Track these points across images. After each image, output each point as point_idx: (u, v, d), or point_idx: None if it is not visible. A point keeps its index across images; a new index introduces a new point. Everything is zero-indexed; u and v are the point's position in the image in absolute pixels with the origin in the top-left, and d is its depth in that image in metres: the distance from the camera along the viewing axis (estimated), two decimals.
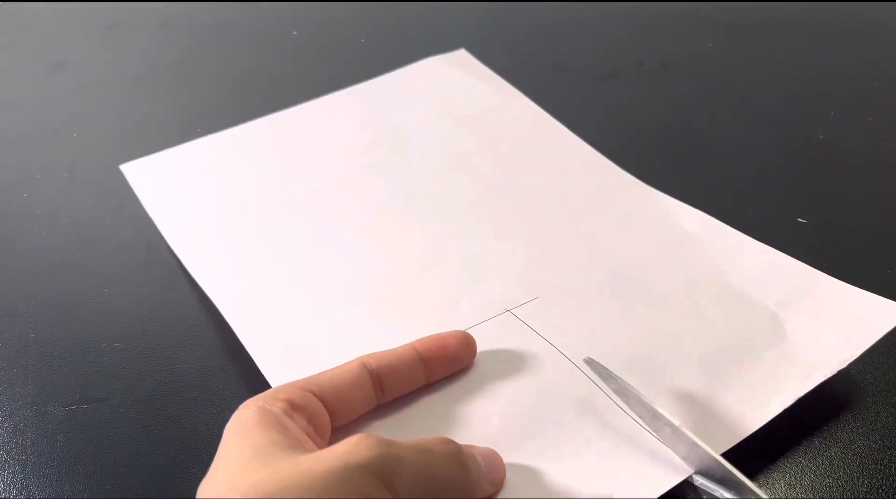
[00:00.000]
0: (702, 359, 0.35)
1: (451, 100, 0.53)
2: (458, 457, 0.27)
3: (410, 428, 0.32)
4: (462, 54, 0.57)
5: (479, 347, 0.35)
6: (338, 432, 0.30)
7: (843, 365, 0.33)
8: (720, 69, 0.59)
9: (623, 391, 0.32)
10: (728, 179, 0.48)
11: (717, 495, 0.29)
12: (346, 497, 0.23)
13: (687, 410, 0.33)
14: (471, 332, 0.35)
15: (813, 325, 0.36)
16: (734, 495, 0.28)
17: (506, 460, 0.30)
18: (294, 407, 0.28)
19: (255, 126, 0.52)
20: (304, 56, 0.62)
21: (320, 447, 0.28)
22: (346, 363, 0.31)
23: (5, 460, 0.35)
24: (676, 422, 0.30)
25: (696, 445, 0.29)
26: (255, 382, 0.37)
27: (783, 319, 0.36)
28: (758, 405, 0.32)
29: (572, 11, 0.65)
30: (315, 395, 0.29)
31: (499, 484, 0.29)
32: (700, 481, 0.30)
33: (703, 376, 0.34)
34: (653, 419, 0.31)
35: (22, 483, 0.34)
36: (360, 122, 0.51)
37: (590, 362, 0.33)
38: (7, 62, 0.62)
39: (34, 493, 0.33)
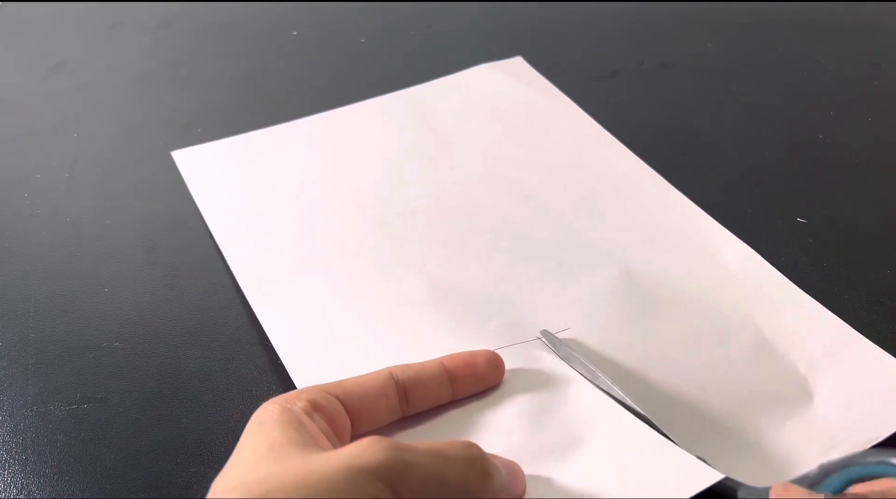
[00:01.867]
0: (724, 415, 0.33)
1: (501, 108, 0.52)
2: (480, 463, 0.26)
3: (430, 437, 0.31)
4: (518, 62, 0.56)
5: (508, 367, 0.34)
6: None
7: (869, 445, 0.31)
8: (720, 69, 0.59)
9: (569, 359, 0.34)
10: (728, 179, 0.48)
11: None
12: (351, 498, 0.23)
13: (704, 450, 0.31)
14: (500, 352, 0.34)
15: (843, 396, 0.34)
16: None
17: (526, 472, 0.29)
18: (315, 407, 0.28)
19: (305, 124, 0.52)
20: (304, 56, 0.62)
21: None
22: (374, 372, 0.31)
23: (5, 460, 0.35)
24: (640, 409, 0.32)
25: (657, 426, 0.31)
26: (255, 382, 0.37)
27: (813, 385, 0.35)
28: (771, 473, 0.31)
29: (572, 11, 0.65)
30: (339, 398, 0.29)
31: (518, 496, 0.28)
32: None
33: (723, 436, 0.33)
34: (594, 378, 0.33)
35: (22, 483, 0.34)
36: (407, 126, 0.51)
37: (544, 334, 0.35)
38: (7, 62, 0.62)
39: (34, 492, 0.33)
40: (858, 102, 0.55)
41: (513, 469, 0.29)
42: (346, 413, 0.29)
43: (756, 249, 0.42)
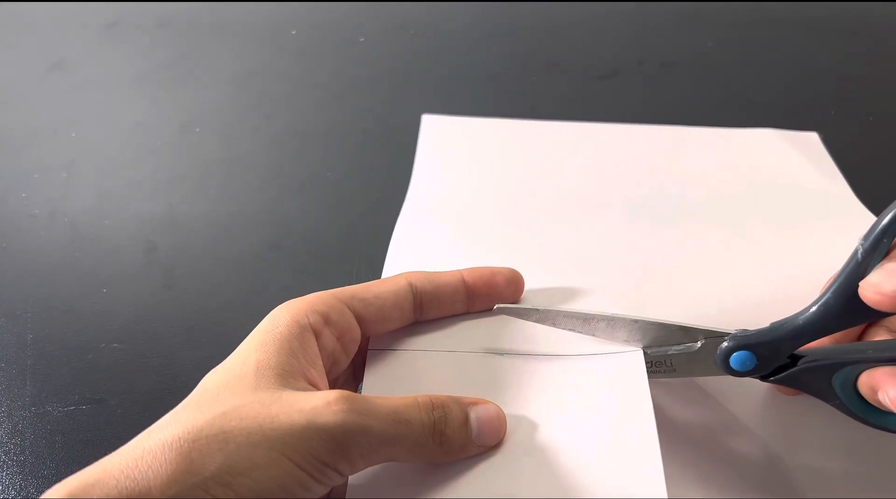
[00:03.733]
0: None
1: (761, 170, 0.48)
2: (440, 428, 0.26)
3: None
4: (811, 138, 0.52)
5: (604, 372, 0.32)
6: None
7: None
8: (720, 68, 0.58)
9: (547, 317, 0.32)
10: None
11: (670, 352, 0.31)
12: (301, 456, 0.24)
13: None
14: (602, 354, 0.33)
15: None
16: (681, 345, 0.30)
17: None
18: (327, 322, 0.28)
19: (554, 127, 0.52)
20: (304, 56, 0.62)
21: (341, 365, 0.29)
22: (393, 279, 0.31)
23: (4, 461, 0.34)
24: (608, 313, 0.31)
25: (634, 321, 0.31)
26: None
27: None
28: None
29: (572, 11, 0.65)
30: (354, 310, 0.29)
31: (493, 444, 0.28)
32: (650, 351, 0.31)
33: None
34: (585, 324, 0.31)
35: (21, 484, 0.33)
36: (652, 161, 0.49)
37: (501, 309, 0.32)
38: (6, 61, 0.62)
39: (33, 494, 0.33)
40: (858, 102, 0.54)
41: (489, 420, 0.28)
42: (357, 326, 0.30)
43: None
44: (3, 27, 0.66)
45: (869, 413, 0.29)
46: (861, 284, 0.26)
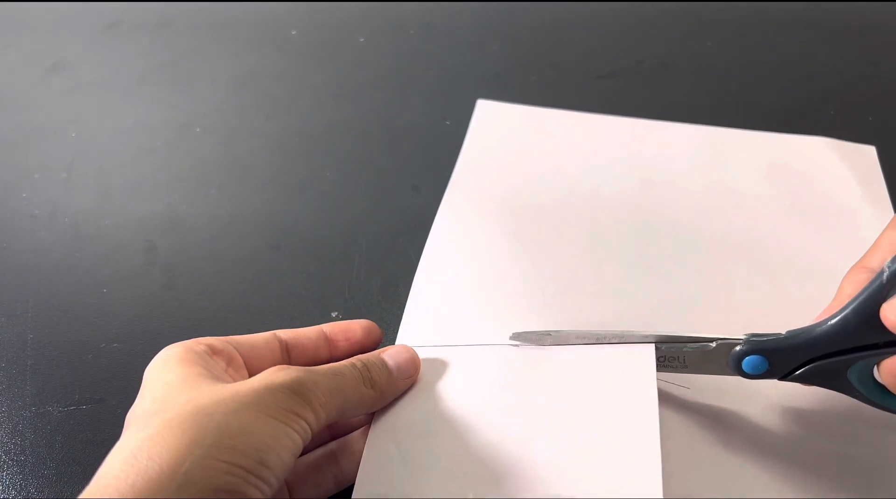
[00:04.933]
0: None
1: (804, 180, 0.47)
2: (366, 375, 0.31)
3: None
4: (866, 150, 0.49)
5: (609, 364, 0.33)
6: None
7: None
8: (720, 68, 0.58)
9: (561, 338, 0.34)
10: None
11: (685, 349, 0.32)
12: (275, 410, 0.26)
13: None
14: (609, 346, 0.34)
15: None
16: (697, 343, 0.31)
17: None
18: (214, 351, 0.30)
19: (605, 121, 0.52)
20: (304, 56, 0.62)
21: None
22: (259, 333, 0.34)
23: (4, 461, 0.34)
24: (619, 330, 0.33)
25: (645, 335, 0.32)
26: None
27: None
28: None
29: (572, 11, 0.65)
30: (233, 344, 0.32)
31: (414, 376, 0.33)
32: (662, 347, 0.32)
33: None
34: (598, 341, 0.33)
35: (21, 484, 0.34)
36: (693, 160, 0.49)
37: (517, 336, 0.35)
38: (6, 62, 0.62)
39: (33, 493, 0.33)
40: (858, 102, 0.54)
41: (401, 355, 0.33)
42: (241, 359, 0.32)
43: None
44: (3, 27, 0.66)
45: (890, 400, 0.29)
46: (884, 306, 0.26)
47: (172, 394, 0.27)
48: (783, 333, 0.30)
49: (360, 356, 0.32)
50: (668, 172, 0.48)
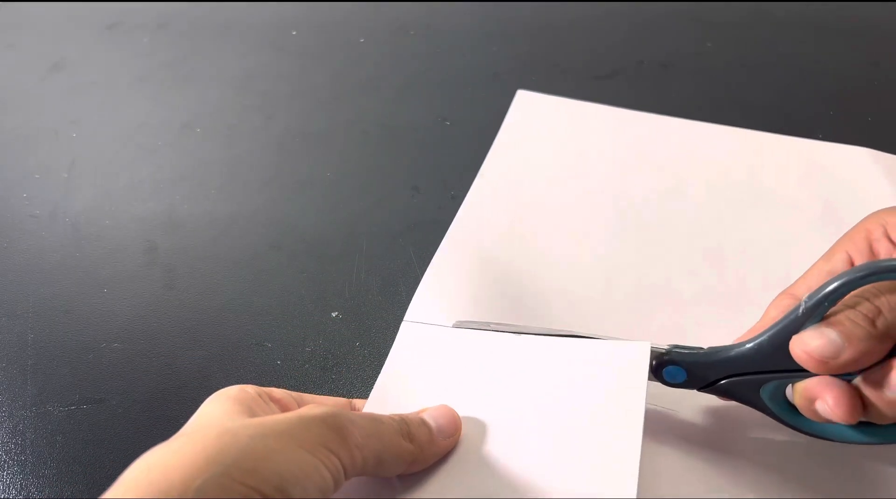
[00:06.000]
0: None
1: (840, 189, 0.46)
2: (404, 428, 0.29)
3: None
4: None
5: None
6: None
7: None
8: (720, 69, 0.58)
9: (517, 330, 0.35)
10: None
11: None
12: (307, 441, 0.25)
13: None
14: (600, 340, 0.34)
15: None
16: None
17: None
18: (272, 398, 0.30)
19: (643, 119, 0.52)
20: (304, 56, 0.62)
21: None
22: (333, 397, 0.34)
23: (4, 461, 0.34)
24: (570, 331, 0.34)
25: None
26: (254, 382, 0.37)
27: None
28: None
29: (572, 11, 0.65)
30: (295, 399, 0.31)
31: (456, 436, 0.31)
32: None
33: None
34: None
35: (21, 484, 0.34)
36: (729, 162, 0.49)
37: (460, 324, 0.36)
38: (7, 62, 0.62)
39: (33, 493, 0.33)
40: (858, 102, 0.54)
41: (443, 415, 0.31)
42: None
43: None
44: (3, 27, 0.66)
45: (800, 421, 0.30)
46: (794, 339, 0.28)
47: (206, 419, 0.27)
48: (704, 348, 0.31)
49: (398, 413, 0.31)
50: (703, 173, 0.48)
